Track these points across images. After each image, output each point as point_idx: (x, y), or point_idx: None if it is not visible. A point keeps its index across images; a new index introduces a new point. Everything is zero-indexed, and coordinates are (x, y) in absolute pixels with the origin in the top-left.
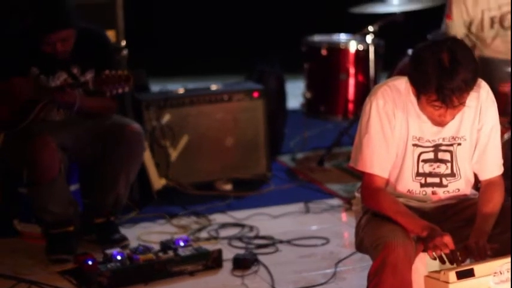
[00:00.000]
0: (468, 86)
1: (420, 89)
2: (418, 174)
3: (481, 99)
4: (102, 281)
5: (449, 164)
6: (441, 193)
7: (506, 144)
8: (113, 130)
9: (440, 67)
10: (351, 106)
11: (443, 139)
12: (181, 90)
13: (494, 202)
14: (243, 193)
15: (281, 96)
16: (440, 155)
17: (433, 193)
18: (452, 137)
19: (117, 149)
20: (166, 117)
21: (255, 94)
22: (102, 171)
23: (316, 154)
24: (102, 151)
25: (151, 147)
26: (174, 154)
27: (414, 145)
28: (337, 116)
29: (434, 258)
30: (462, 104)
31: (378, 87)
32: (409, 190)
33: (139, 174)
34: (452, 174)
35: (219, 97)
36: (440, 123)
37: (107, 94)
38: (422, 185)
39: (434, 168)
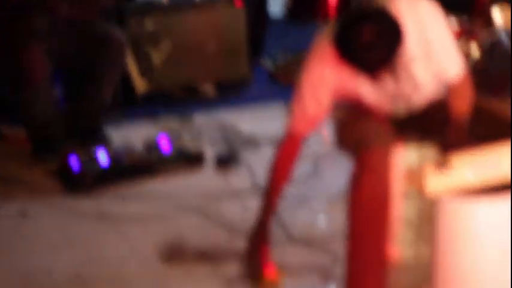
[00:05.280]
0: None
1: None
2: (386, 94)
3: (420, 16)
4: (87, 181)
5: (411, 81)
6: (413, 106)
7: None
8: (97, 37)
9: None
10: (331, 10)
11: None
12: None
13: (464, 100)
14: (226, 95)
15: (262, 1)
16: (399, 74)
17: (405, 107)
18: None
19: (100, 55)
20: (149, 25)
21: (237, 2)
22: (86, 76)
23: (297, 58)
24: (86, 57)
25: (134, 52)
26: (157, 59)
27: (372, 84)
28: (317, 19)
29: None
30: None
31: (316, 50)
32: (381, 105)
33: (123, 78)
34: (416, 88)
35: (202, 5)
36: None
37: None
38: (393, 102)
39: (398, 87)
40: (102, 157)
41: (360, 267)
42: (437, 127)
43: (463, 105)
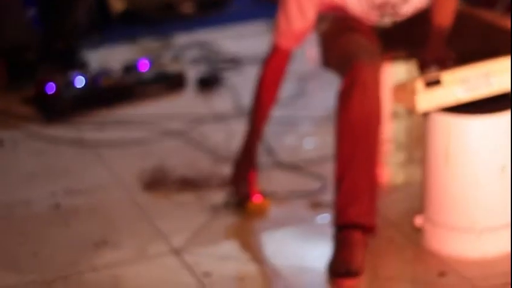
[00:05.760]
0: None
1: None
2: (372, 7)
3: None
4: (64, 107)
5: None
6: (399, 19)
7: None
8: None
9: None
10: None
11: None
12: None
13: (447, 10)
14: (206, 14)
15: None
16: None
17: (392, 21)
18: None
19: None
20: None
21: None
22: None
23: None
24: None
25: None
26: None
27: None
28: None
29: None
30: None
31: None
32: (367, 18)
33: None
34: (404, 1)
35: None
36: None
37: None
38: (380, 15)
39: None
40: (80, 82)
41: (350, 190)
42: (423, 39)
43: (445, 15)
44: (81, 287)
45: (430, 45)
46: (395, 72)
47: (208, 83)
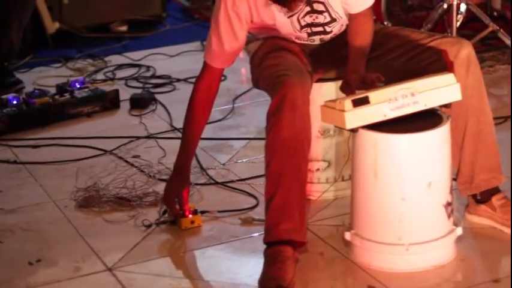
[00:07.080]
0: None
1: None
2: (302, 27)
3: None
4: None
5: (326, 14)
6: (328, 38)
7: None
8: None
9: None
10: None
11: None
12: None
13: (364, 31)
14: (139, 34)
15: None
16: (315, 6)
17: (321, 40)
18: None
19: None
20: None
21: None
22: None
23: None
24: None
25: None
26: None
27: (288, 17)
28: None
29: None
30: None
31: None
32: (297, 37)
33: (32, 18)
34: (332, 20)
35: None
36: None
37: None
38: (309, 34)
39: (314, 19)
40: (14, 102)
41: (280, 207)
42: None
43: (362, 36)
44: None
45: (350, 67)
46: (324, 91)
47: (142, 102)
